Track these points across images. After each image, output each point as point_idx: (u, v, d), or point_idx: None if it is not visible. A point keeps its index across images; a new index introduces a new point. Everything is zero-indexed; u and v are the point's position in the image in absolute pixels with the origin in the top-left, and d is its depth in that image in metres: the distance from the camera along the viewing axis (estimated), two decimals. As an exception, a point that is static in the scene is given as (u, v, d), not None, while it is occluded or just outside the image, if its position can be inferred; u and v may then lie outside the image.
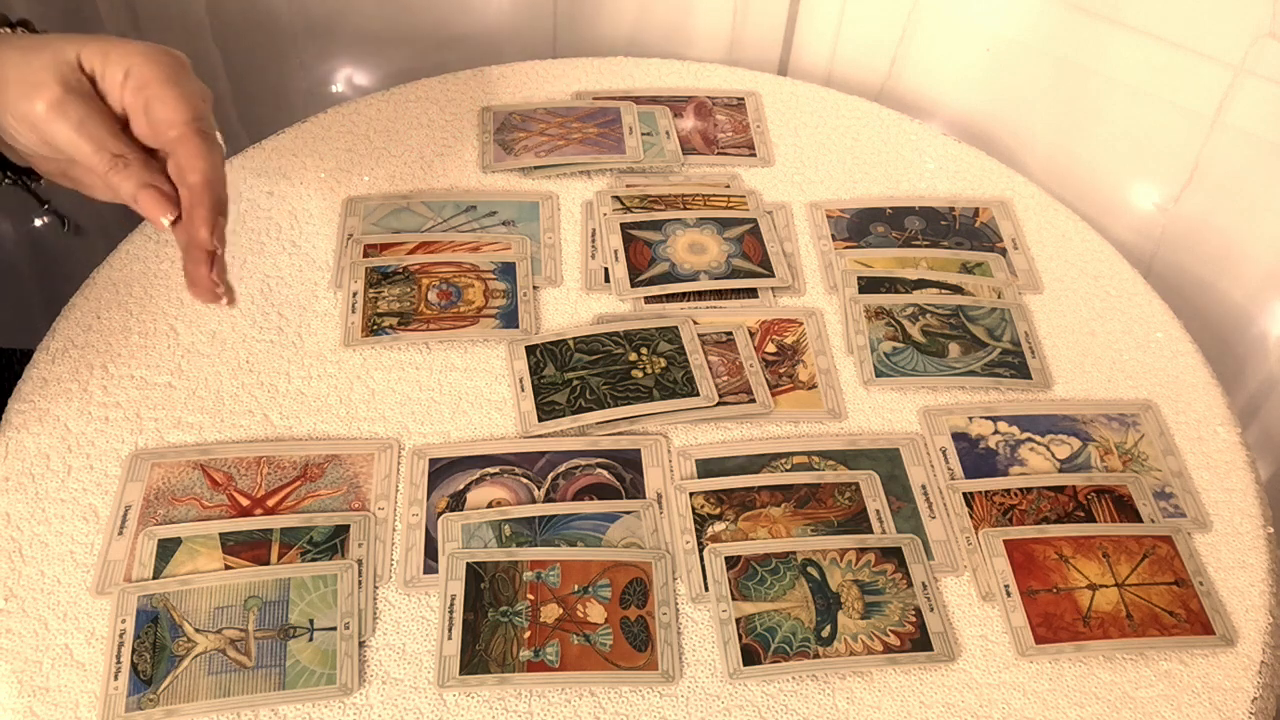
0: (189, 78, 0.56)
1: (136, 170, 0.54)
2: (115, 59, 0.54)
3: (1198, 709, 0.55)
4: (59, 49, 0.54)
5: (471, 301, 0.70)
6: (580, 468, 0.62)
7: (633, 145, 0.81)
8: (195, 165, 0.54)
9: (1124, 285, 0.75)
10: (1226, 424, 0.68)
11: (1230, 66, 0.76)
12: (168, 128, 0.54)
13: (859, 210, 0.79)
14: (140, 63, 0.54)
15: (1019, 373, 0.69)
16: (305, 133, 0.80)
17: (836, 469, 0.63)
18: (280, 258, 0.72)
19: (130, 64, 0.54)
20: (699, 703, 0.54)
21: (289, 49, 1.01)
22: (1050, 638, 0.57)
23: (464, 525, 0.59)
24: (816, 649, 0.56)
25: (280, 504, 0.60)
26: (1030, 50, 0.87)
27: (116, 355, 0.66)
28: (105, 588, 0.56)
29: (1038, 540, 0.61)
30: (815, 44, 0.97)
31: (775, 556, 0.59)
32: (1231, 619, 0.59)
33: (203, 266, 0.55)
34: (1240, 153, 0.79)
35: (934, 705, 0.55)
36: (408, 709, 0.53)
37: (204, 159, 0.54)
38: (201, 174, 0.54)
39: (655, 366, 0.67)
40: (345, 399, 0.65)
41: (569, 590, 0.57)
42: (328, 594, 0.56)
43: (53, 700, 0.52)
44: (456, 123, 0.82)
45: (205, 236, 0.54)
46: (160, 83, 0.54)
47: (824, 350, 0.70)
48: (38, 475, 0.60)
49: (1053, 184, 0.87)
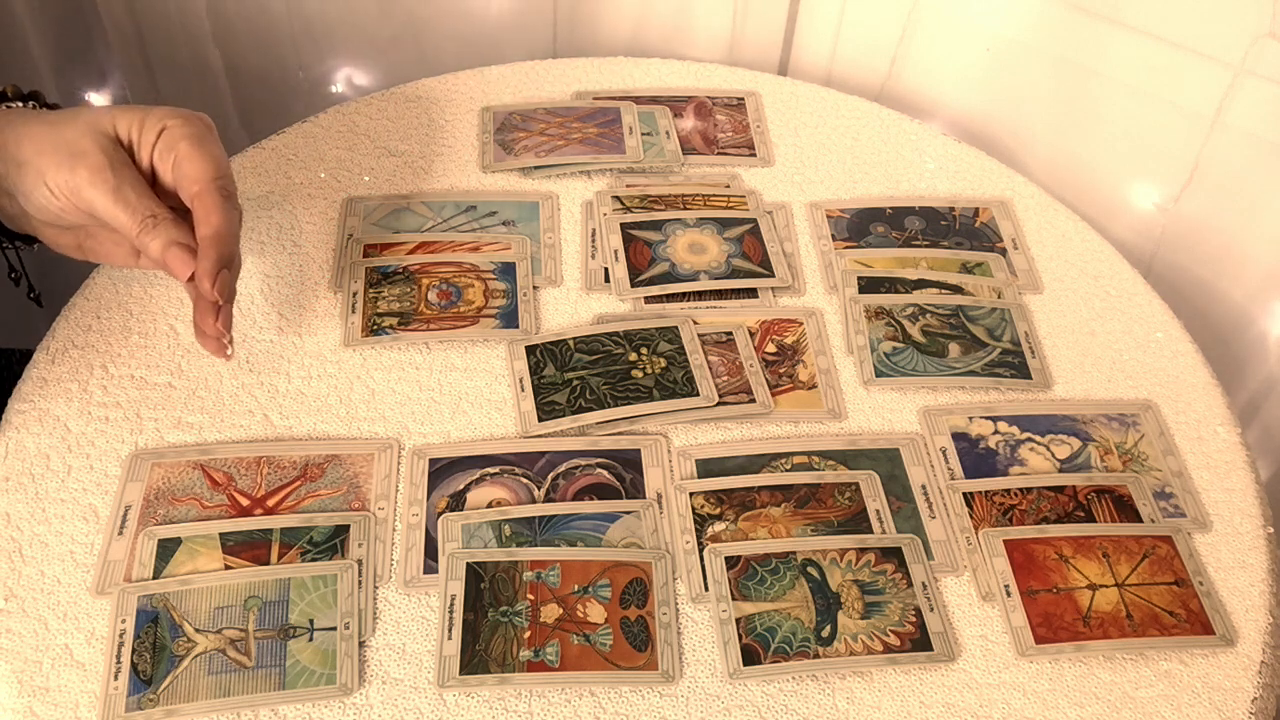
0: (215, 140, 0.59)
1: (166, 228, 0.57)
2: (151, 124, 0.57)
3: (1198, 709, 0.55)
4: (95, 119, 0.57)
5: (471, 301, 0.70)
6: (580, 468, 0.62)
7: (633, 145, 0.81)
8: (209, 220, 0.57)
9: (1124, 285, 0.75)
10: (1226, 424, 0.68)
11: (1230, 66, 0.76)
12: (191, 184, 0.57)
13: (859, 210, 0.79)
14: (174, 124, 0.58)
15: (1019, 373, 0.69)
16: (305, 133, 0.80)
17: (836, 469, 0.63)
18: (280, 258, 0.72)
19: (164, 125, 0.58)
20: (699, 703, 0.54)
21: (289, 49, 1.01)
22: (1050, 638, 0.57)
23: (464, 525, 0.59)
24: (816, 649, 0.56)
25: (280, 504, 0.60)
26: (1030, 50, 0.87)
27: (116, 355, 0.66)
28: (105, 588, 0.56)
29: (1038, 540, 0.61)
30: (815, 44, 0.97)
31: (775, 556, 0.59)
32: (1231, 619, 0.59)
33: (209, 317, 0.58)
34: (1240, 153, 0.79)
35: (934, 705, 0.55)
36: (408, 709, 0.53)
37: (219, 214, 0.57)
38: (214, 228, 0.57)
39: (655, 366, 0.67)
40: (345, 399, 0.65)
41: (569, 590, 0.57)
42: (328, 594, 0.56)
43: (53, 700, 0.52)
44: (456, 123, 0.82)
45: (206, 288, 0.57)
46: (189, 141, 0.57)
47: (824, 350, 0.70)
48: (38, 475, 0.60)
49: (1053, 184, 0.87)
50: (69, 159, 0.55)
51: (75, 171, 0.55)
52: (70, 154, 0.55)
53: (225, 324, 0.58)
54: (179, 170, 0.57)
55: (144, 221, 0.56)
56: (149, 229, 0.56)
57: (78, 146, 0.56)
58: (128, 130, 0.57)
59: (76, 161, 0.55)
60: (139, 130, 0.57)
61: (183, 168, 0.57)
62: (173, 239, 0.56)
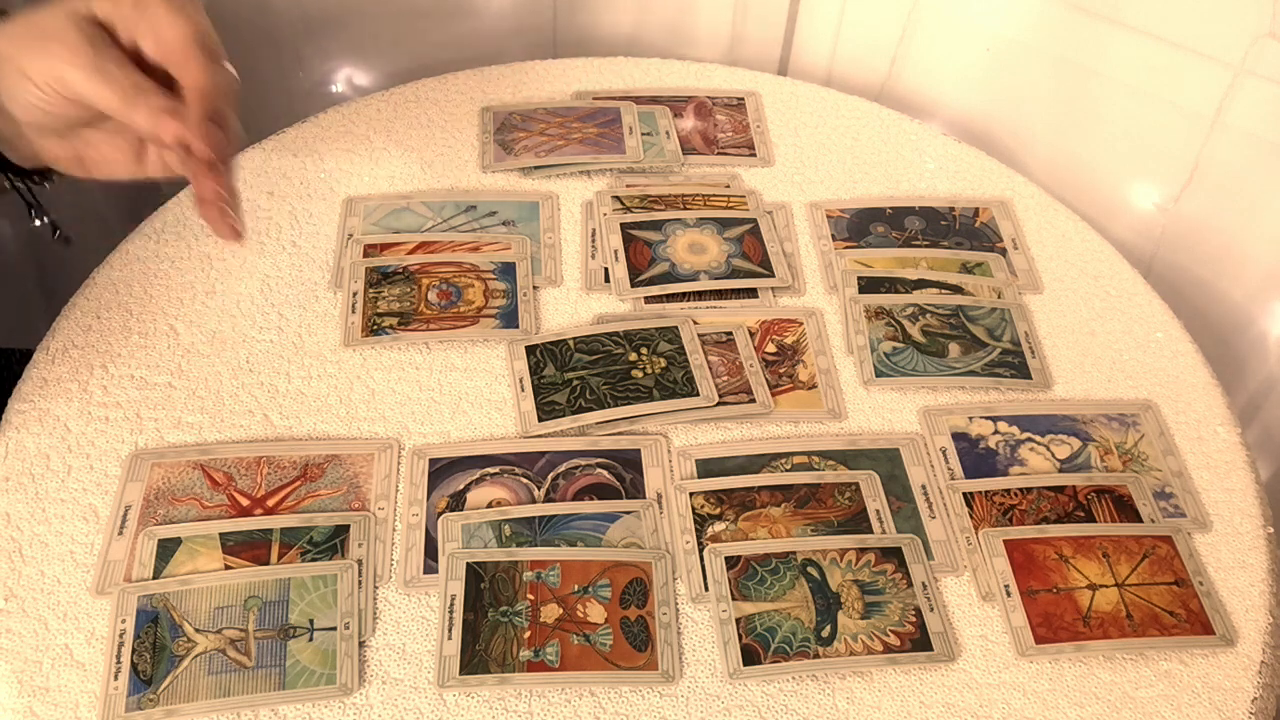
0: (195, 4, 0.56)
1: (151, 97, 0.53)
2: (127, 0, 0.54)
3: (1198, 709, 0.55)
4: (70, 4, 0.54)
5: (471, 301, 0.70)
6: (580, 468, 0.62)
7: (633, 145, 0.81)
8: (189, 77, 0.54)
9: (1124, 285, 0.75)
10: (1226, 424, 0.68)
11: (1230, 66, 0.76)
12: (170, 48, 0.54)
13: (859, 210, 0.79)
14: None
15: (1019, 373, 0.69)
16: (305, 133, 0.80)
17: (836, 469, 0.63)
18: (280, 258, 0.72)
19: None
20: (699, 703, 0.54)
21: (289, 49, 1.01)
22: (1050, 638, 0.57)
23: (464, 525, 0.59)
24: (816, 649, 0.56)
25: (280, 504, 0.60)
26: (1030, 50, 0.87)
27: (116, 355, 0.66)
28: (105, 588, 0.56)
29: (1038, 540, 0.61)
30: (815, 44, 0.97)
31: (775, 556, 0.59)
32: (1231, 619, 0.59)
33: (205, 180, 0.54)
34: (1240, 153, 0.79)
35: (934, 705, 0.55)
36: (408, 709, 0.53)
37: (200, 70, 0.54)
38: (196, 83, 0.53)
39: (655, 366, 0.67)
40: (345, 399, 0.65)
41: (569, 590, 0.57)
42: (328, 594, 0.56)
43: (53, 700, 0.52)
44: (456, 123, 0.82)
45: (199, 146, 0.53)
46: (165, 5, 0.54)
47: (824, 350, 0.70)
48: (38, 475, 0.60)
49: (1053, 184, 0.87)
50: (45, 43, 0.53)
51: (51, 52, 0.52)
52: (46, 39, 0.53)
53: (226, 187, 0.54)
54: (158, 36, 0.54)
55: (127, 93, 0.53)
56: (133, 100, 0.53)
57: (53, 31, 0.53)
58: (104, 10, 0.54)
59: (52, 42, 0.52)
60: (113, 6, 0.54)
61: (161, 32, 0.54)
62: (160, 106, 0.53)
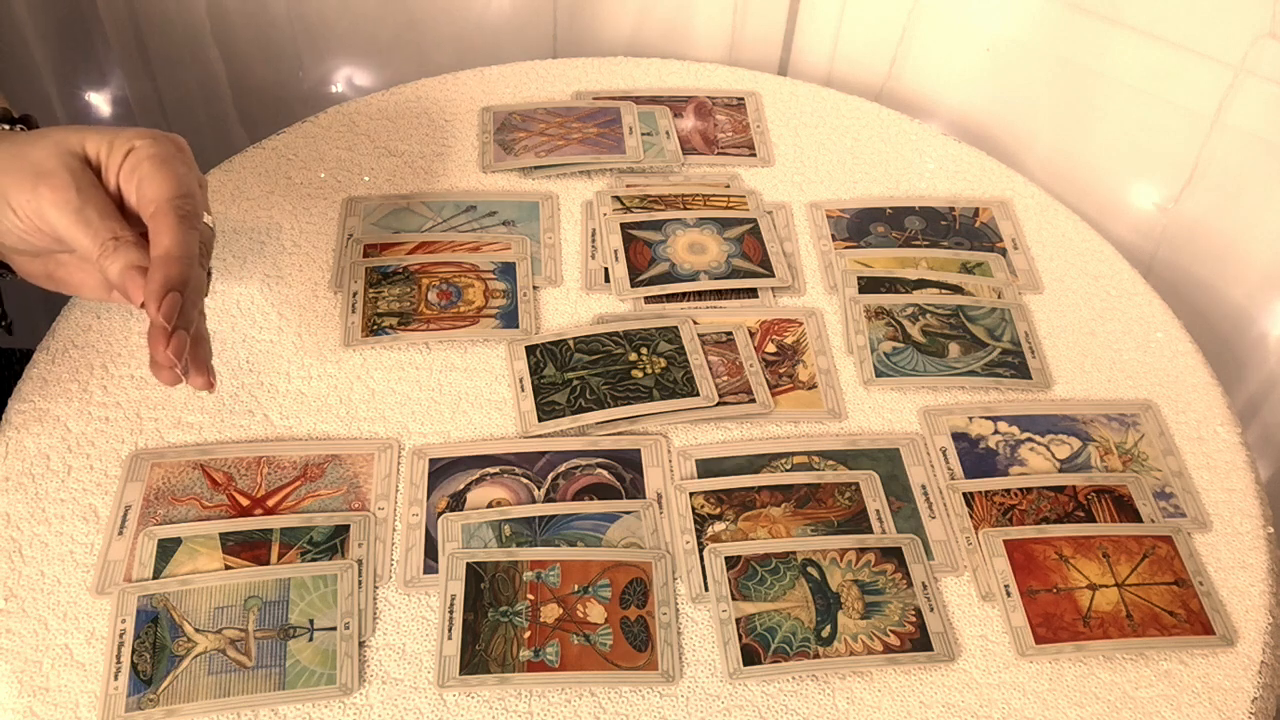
0: (184, 161, 0.55)
1: (126, 251, 0.53)
2: (119, 144, 0.54)
3: (1198, 709, 0.55)
4: (63, 139, 0.54)
5: (471, 301, 0.70)
6: (580, 468, 0.62)
7: (633, 145, 0.81)
8: (159, 241, 0.53)
9: (1124, 285, 0.75)
10: (1226, 424, 0.68)
11: (1230, 66, 0.76)
12: (148, 205, 0.54)
13: (859, 210, 0.79)
14: (142, 144, 0.54)
15: (1019, 373, 0.69)
16: (305, 133, 0.80)
17: (836, 469, 0.63)
18: (280, 258, 0.72)
19: (132, 145, 0.54)
20: (699, 703, 0.54)
21: (289, 49, 1.01)
22: (1050, 638, 0.57)
23: (464, 525, 0.59)
24: (816, 649, 0.56)
25: (280, 504, 0.60)
26: (1030, 50, 0.87)
27: (116, 355, 0.66)
28: (105, 588, 0.56)
29: (1038, 540, 0.61)
30: (815, 44, 0.97)
31: (775, 556, 0.59)
32: (1231, 619, 0.59)
33: (158, 343, 0.52)
34: (1240, 153, 0.79)
35: (934, 705, 0.55)
36: (408, 709, 0.53)
37: (170, 235, 0.52)
38: (163, 249, 0.52)
39: (655, 366, 0.67)
40: (345, 399, 0.65)
41: (569, 590, 0.57)
42: (328, 594, 0.56)
43: (53, 700, 0.52)
44: (456, 123, 0.82)
45: (151, 310, 0.51)
46: (152, 161, 0.54)
47: (824, 350, 0.70)
48: (38, 475, 0.60)
49: (1053, 184, 0.87)
50: (33, 179, 0.52)
51: (38, 192, 0.52)
52: (35, 174, 0.53)
53: (177, 352, 0.52)
54: (140, 191, 0.54)
55: (105, 244, 0.53)
56: (109, 252, 0.53)
57: (43, 166, 0.53)
58: (96, 150, 0.55)
59: (40, 181, 0.52)
60: (107, 151, 0.54)
61: (143, 188, 0.54)
62: (132, 262, 0.52)
